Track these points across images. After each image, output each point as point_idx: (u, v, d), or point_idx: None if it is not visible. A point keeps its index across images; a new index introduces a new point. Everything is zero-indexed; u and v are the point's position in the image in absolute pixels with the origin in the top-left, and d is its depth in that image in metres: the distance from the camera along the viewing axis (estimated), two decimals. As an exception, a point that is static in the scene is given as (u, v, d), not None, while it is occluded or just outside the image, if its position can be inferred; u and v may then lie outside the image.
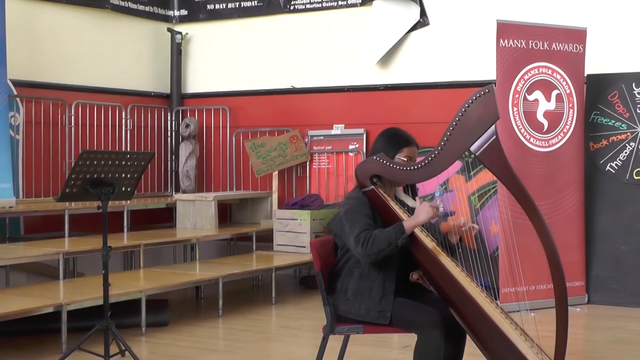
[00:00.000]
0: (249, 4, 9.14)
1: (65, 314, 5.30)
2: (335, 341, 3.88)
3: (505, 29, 6.73)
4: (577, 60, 7.00)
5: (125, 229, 7.58)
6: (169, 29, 9.37)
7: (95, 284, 5.64)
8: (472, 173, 7.42)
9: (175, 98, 9.40)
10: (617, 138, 7.11)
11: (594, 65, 7.17)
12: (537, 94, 6.87)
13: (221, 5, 9.29)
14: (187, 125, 8.97)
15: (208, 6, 9.36)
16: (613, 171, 7.11)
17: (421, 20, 8.18)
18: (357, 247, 3.59)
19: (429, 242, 3.66)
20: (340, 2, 8.63)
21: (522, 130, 6.78)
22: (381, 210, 3.72)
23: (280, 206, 8.51)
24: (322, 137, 8.69)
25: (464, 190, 7.37)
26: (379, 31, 8.26)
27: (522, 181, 3.50)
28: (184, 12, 9.47)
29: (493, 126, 3.43)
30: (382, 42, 8.26)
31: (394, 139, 3.83)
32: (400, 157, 3.77)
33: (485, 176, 7.25)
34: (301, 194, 8.65)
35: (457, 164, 7.07)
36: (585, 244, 7.06)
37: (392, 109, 8.30)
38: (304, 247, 7.67)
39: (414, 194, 3.90)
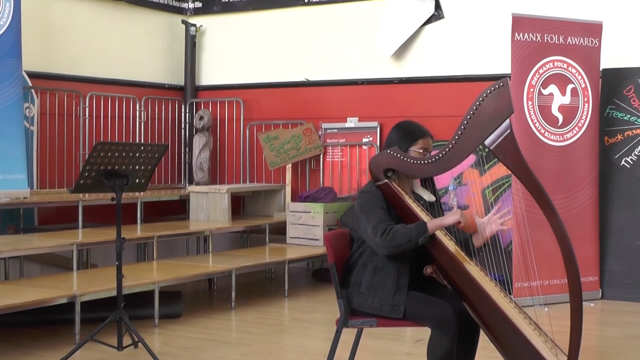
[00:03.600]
0: (263, -4, 9.15)
1: (79, 304, 5.32)
2: (348, 334, 3.88)
3: (520, 23, 6.70)
4: (592, 54, 6.96)
5: (139, 221, 7.61)
6: (183, 21, 9.37)
7: (108, 275, 5.66)
8: (486, 167, 7.40)
9: (189, 90, 9.41)
10: (633, 133, 7.07)
11: (609, 59, 7.12)
12: (552, 88, 6.83)
13: (235, -3, 9.30)
14: (201, 118, 8.97)
15: (222, -2, 9.38)
16: (628, 166, 7.07)
17: (436, 13, 8.15)
18: (375, 236, 3.56)
19: (447, 240, 3.63)
20: (354, -5, 8.62)
21: (537, 124, 6.75)
22: (395, 204, 3.70)
23: (293, 199, 8.50)
24: (335, 130, 8.67)
25: (478, 184, 7.36)
26: (393, 24, 8.24)
27: (536, 175, 3.48)
28: (198, 4, 9.47)
29: (507, 120, 3.42)
30: (396, 35, 8.24)
31: (408, 131, 3.80)
32: (416, 149, 3.74)
33: (499, 170, 7.24)
34: (314, 186, 8.65)
35: (471, 158, 7.06)
36: (600, 238, 7.03)
37: (406, 102, 8.28)
38: (317, 239, 7.67)
39: (432, 188, 3.88)
